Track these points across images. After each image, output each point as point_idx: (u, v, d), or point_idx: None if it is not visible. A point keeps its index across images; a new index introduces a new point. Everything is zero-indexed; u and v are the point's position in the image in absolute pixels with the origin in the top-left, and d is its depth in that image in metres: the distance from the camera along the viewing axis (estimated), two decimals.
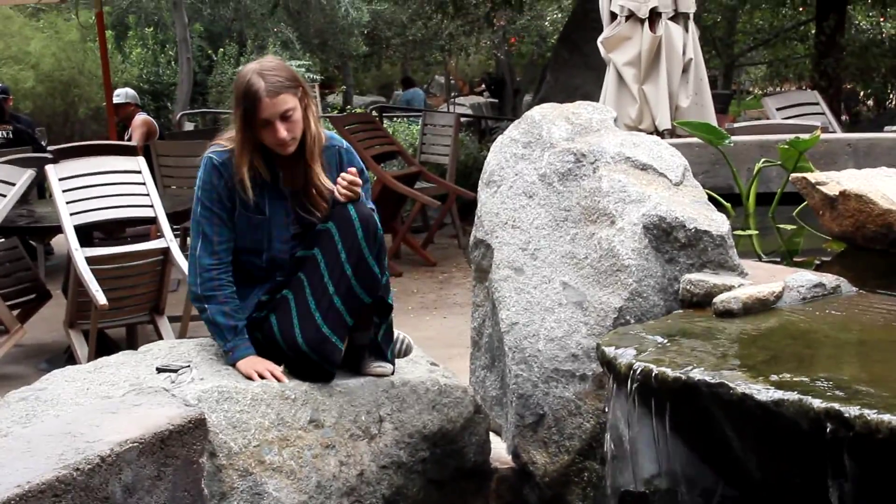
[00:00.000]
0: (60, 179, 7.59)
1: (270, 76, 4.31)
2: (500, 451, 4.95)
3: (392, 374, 4.59)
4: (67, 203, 7.49)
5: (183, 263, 7.47)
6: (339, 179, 4.36)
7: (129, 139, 12.33)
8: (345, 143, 4.65)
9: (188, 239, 10.75)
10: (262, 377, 4.20)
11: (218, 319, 4.35)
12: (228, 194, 4.40)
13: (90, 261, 7.22)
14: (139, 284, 7.47)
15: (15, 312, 7.51)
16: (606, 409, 4.45)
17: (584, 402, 4.68)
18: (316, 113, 4.48)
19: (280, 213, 4.45)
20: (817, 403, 3.40)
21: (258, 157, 4.40)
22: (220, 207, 4.39)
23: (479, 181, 5.31)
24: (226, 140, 4.46)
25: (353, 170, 4.40)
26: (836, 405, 3.37)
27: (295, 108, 4.33)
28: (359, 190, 4.38)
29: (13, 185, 7.77)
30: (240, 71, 4.51)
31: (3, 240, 8.09)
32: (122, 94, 13.37)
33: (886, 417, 3.27)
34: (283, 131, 4.29)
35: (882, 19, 20.78)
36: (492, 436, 4.95)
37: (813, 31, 16.13)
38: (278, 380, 4.22)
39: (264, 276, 4.49)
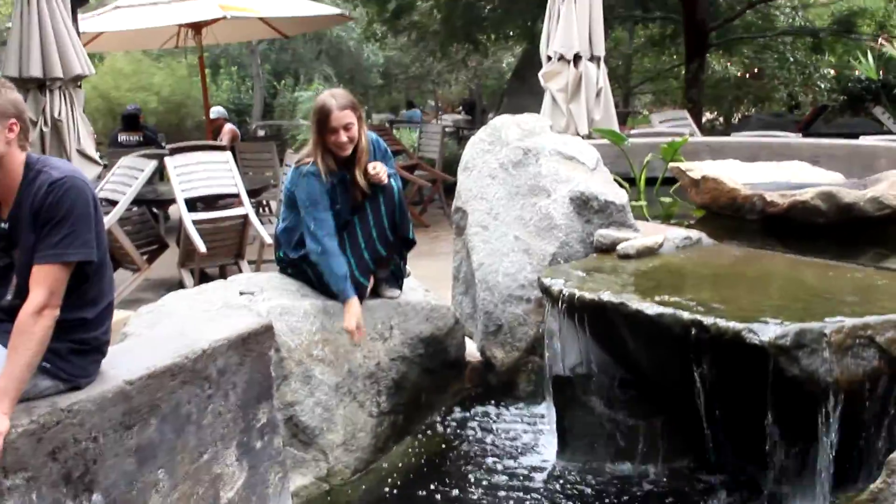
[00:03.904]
0: (174, 167, 7.56)
1: (339, 98, 4.20)
2: (471, 349, 4.94)
3: (399, 297, 4.58)
4: (179, 183, 7.46)
5: (257, 224, 7.47)
6: (372, 173, 4.27)
7: (221, 141, 12.26)
8: (374, 136, 4.43)
9: (261, 208, 10.72)
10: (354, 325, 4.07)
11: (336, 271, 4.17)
12: (322, 189, 4.23)
13: (195, 222, 7.21)
14: (228, 238, 7.43)
15: (144, 257, 7.49)
16: (544, 321, 4.46)
17: (529, 316, 4.69)
18: (365, 130, 4.32)
19: (346, 198, 4.30)
20: (686, 315, 3.43)
21: (331, 161, 4.25)
22: (325, 201, 4.21)
23: (458, 168, 5.29)
24: (306, 159, 4.30)
25: (373, 166, 4.28)
26: (698, 317, 3.40)
27: (353, 123, 4.20)
28: (382, 178, 4.31)
29: (143, 171, 7.73)
30: (318, 95, 4.39)
31: (136, 208, 8.05)
32: (215, 112, 13.27)
33: (731, 324, 3.30)
34: (343, 136, 4.17)
35: (729, 63, 20.73)
36: (466, 339, 4.93)
37: (683, 71, 16.05)
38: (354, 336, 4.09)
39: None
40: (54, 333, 2.84)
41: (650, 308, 3.53)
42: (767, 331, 3.22)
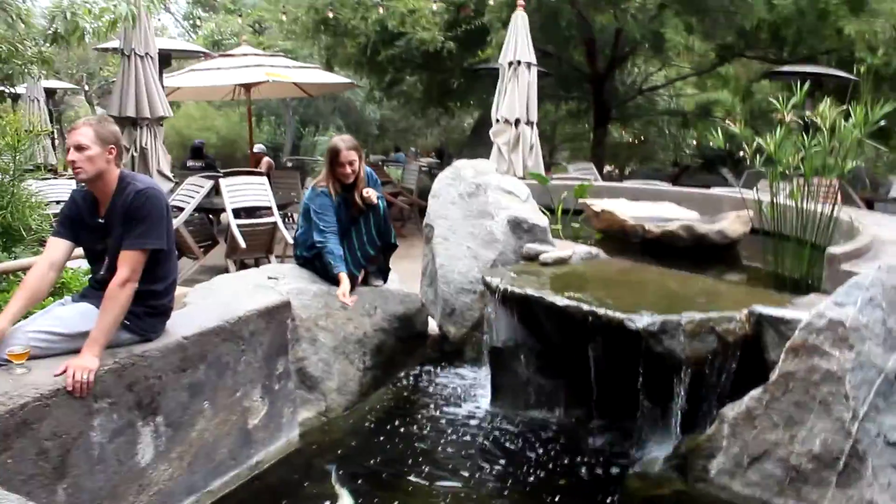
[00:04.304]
0: (226, 186, 7.49)
1: (347, 142, 4.22)
2: (432, 326, 4.91)
3: (382, 286, 4.56)
4: (229, 197, 7.39)
5: (283, 229, 7.42)
6: (365, 196, 4.27)
7: (260, 169, 12.11)
8: (368, 169, 4.42)
9: (286, 218, 10.59)
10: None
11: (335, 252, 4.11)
12: (331, 204, 4.23)
13: (239, 226, 7.14)
14: (261, 238, 7.37)
15: (201, 249, 7.41)
16: (485, 307, 4.47)
17: (475, 303, 4.67)
18: (363, 166, 4.34)
19: (347, 213, 4.31)
20: (585, 307, 3.44)
21: (338, 186, 4.25)
22: (331, 211, 4.20)
23: (429, 196, 5.28)
24: (320, 182, 4.29)
25: (367, 191, 4.28)
26: (594, 308, 3.41)
27: (356, 160, 4.22)
28: (373, 199, 4.31)
29: (203, 187, 7.65)
30: (331, 139, 4.39)
31: (197, 214, 7.97)
32: (257, 147, 13.16)
33: (616, 314, 3.32)
34: (348, 169, 4.19)
35: (624, 132, 20.89)
36: (429, 318, 4.92)
37: (592, 136, 16.16)
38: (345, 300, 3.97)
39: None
40: (133, 300, 2.82)
41: (561, 301, 3.55)
42: (641, 320, 3.25)
